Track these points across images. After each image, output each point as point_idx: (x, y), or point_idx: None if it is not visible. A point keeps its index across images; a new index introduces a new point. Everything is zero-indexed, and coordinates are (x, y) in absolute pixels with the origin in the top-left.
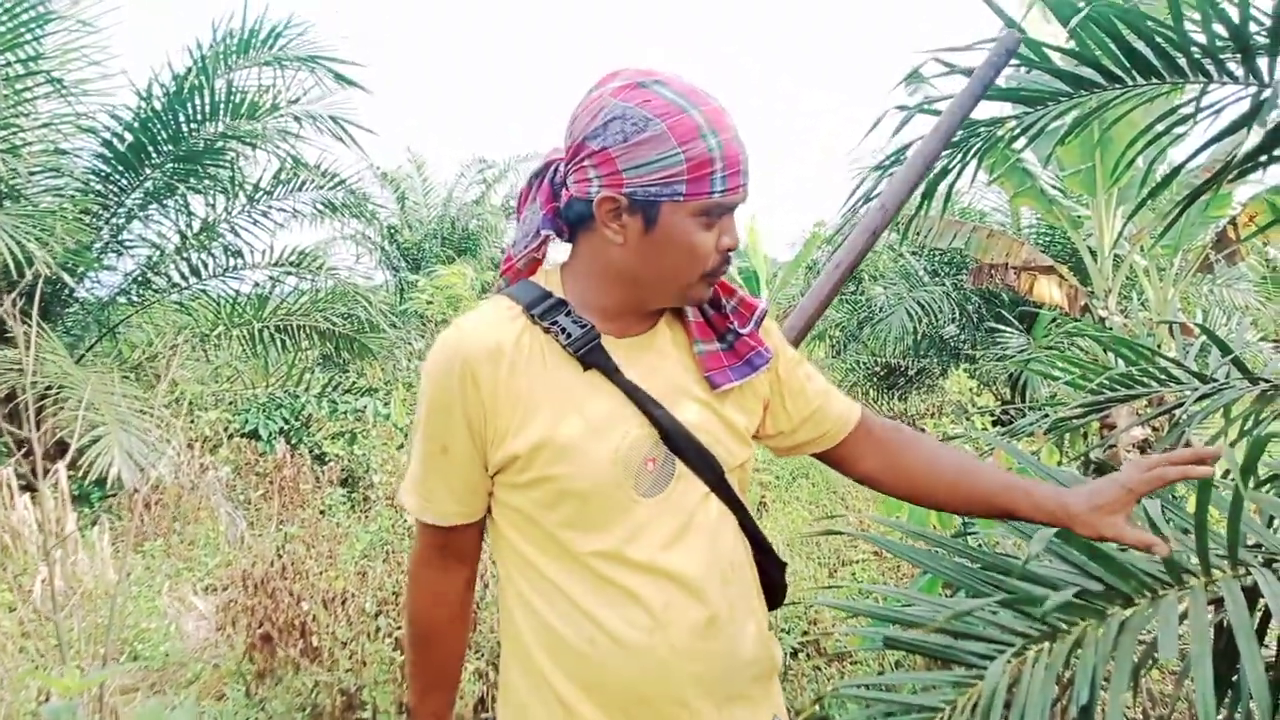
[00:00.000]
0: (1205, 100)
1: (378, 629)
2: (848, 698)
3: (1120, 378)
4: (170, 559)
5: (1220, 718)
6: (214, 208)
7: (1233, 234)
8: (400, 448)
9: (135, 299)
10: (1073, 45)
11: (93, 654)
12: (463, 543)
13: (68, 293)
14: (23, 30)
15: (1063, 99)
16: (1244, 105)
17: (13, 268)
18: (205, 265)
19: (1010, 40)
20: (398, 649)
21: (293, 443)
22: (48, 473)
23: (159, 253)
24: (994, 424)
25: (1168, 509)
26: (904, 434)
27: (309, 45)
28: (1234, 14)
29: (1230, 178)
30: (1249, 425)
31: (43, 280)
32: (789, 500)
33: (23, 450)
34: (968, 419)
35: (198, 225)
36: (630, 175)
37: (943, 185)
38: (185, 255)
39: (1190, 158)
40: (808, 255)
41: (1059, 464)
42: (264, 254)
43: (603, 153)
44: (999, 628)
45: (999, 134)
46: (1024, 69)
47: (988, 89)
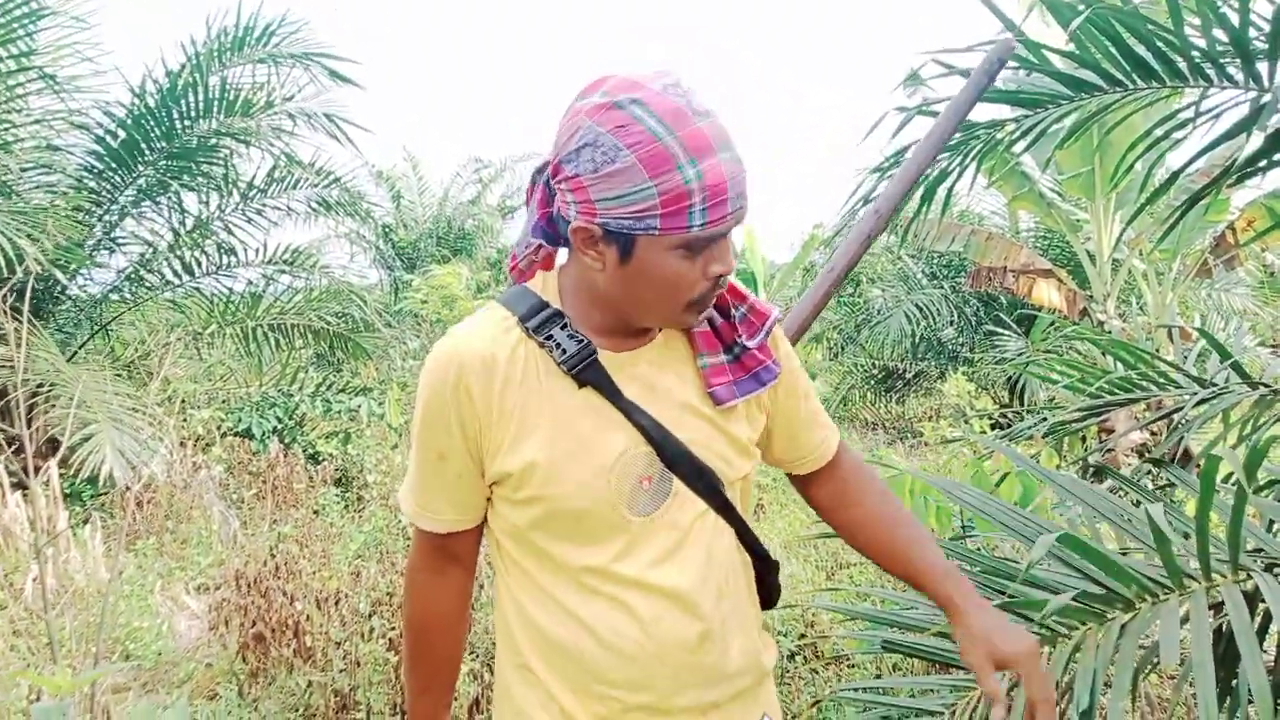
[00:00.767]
0: (1205, 104)
1: (371, 629)
2: (845, 701)
3: (1119, 382)
4: (163, 558)
5: None
6: (207, 205)
7: (1231, 239)
8: (394, 448)
9: (128, 296)
10: (1072, 48)
11: (84, 653)
12: (459, 548)
13: (60, 290)
14: (15, 26)
15: (1062, 102)
16: (1243, 110)
17: (3, 265)
18: (198, 263)
19: (1005, 47)
20: (391, 649)
21: (286, 442)
22: (39, 470)
23: (152, 250)
24: (992, 427)
25: (1170, 513)
26: (863, 480)
27: (303, 42)
28: (1234, 19)
29: (1229, 182)
30: (1248, 430)
31: (34, 277)
32: (786, 503)
33: (14, 448)
34: (966, 422)
35: (191, 223)
36: (603, 206)
37: (942, 188)
38: (178, 253)
39: (1190, 162)
40: (805, 257)
41: (1057, 468)
42: (257, 252)
43: (575, 179)
44: None
45: (998, 137)
46: (1023, 72)
47: (982, 94)
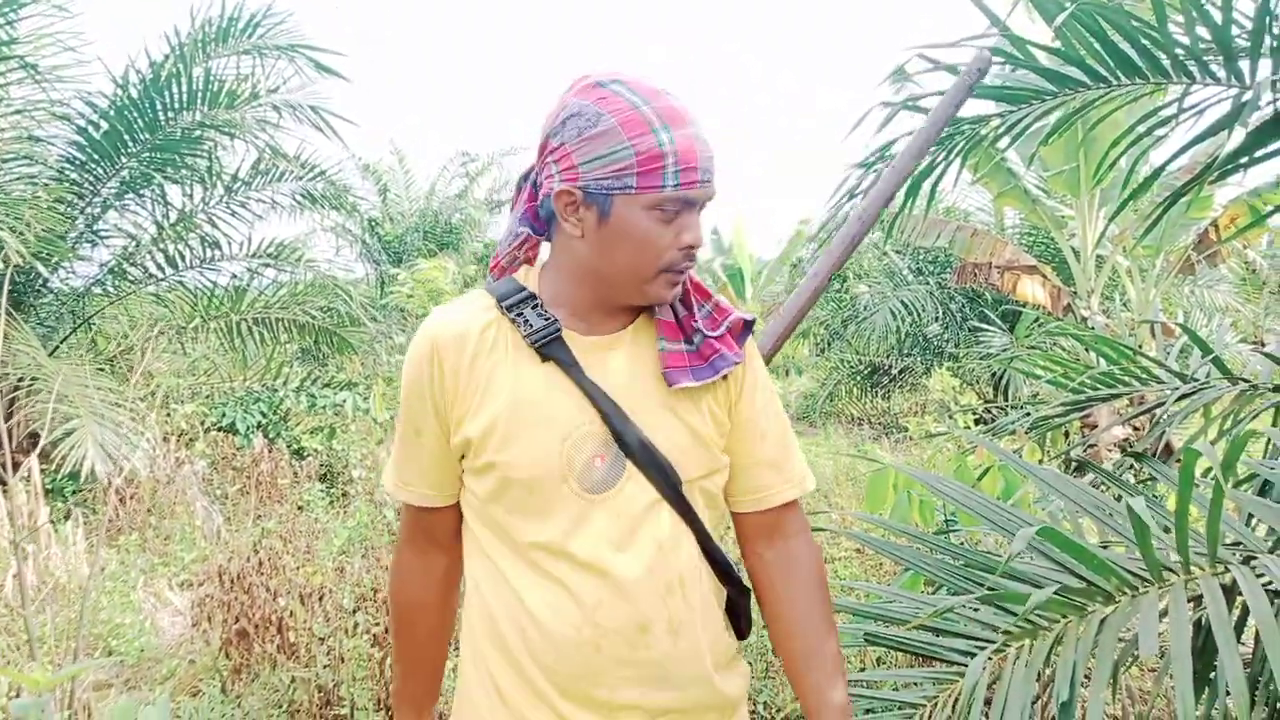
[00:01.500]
0: (1188, 101)
1: (355, 625)
2: None
3: (1102, 377)
4: (145, 554)
5: (1199, 714)
6: (191, 198)
7: (1214, 236)
8: (380, 443)
9: (110, 290)
10: (1057, 44)
11: (65, 649)
12: (439, 526)
13: (41, 283)
14: None
15: (1047, 98)
16: (1226, 107)
17: None
18: (182, 256)
19: (982, 60)
20: (375, 645)
21: (270, 437)
22: (19, 465)
23: (135, 243)
24: (976, 422)
25: (1151, 507)
26: (799, 575)
27: (288, 34)
28: (1217, 16)
29: (1211, 179)
30: (1228, 425)
31: (15, 270)
32: None
33: None
34: (950, 417)
35: (174, 216)
36: (585, 169)
37: (927, 183)
38: (162, 246)
39: (1173, 158)
40: (792, 253)
41: (1040, 462)
42: (242, 246)
43: (561, 148)
44: (980, 625)
45: (983, 133)
46: (1009, 67)
47: (959, 108)
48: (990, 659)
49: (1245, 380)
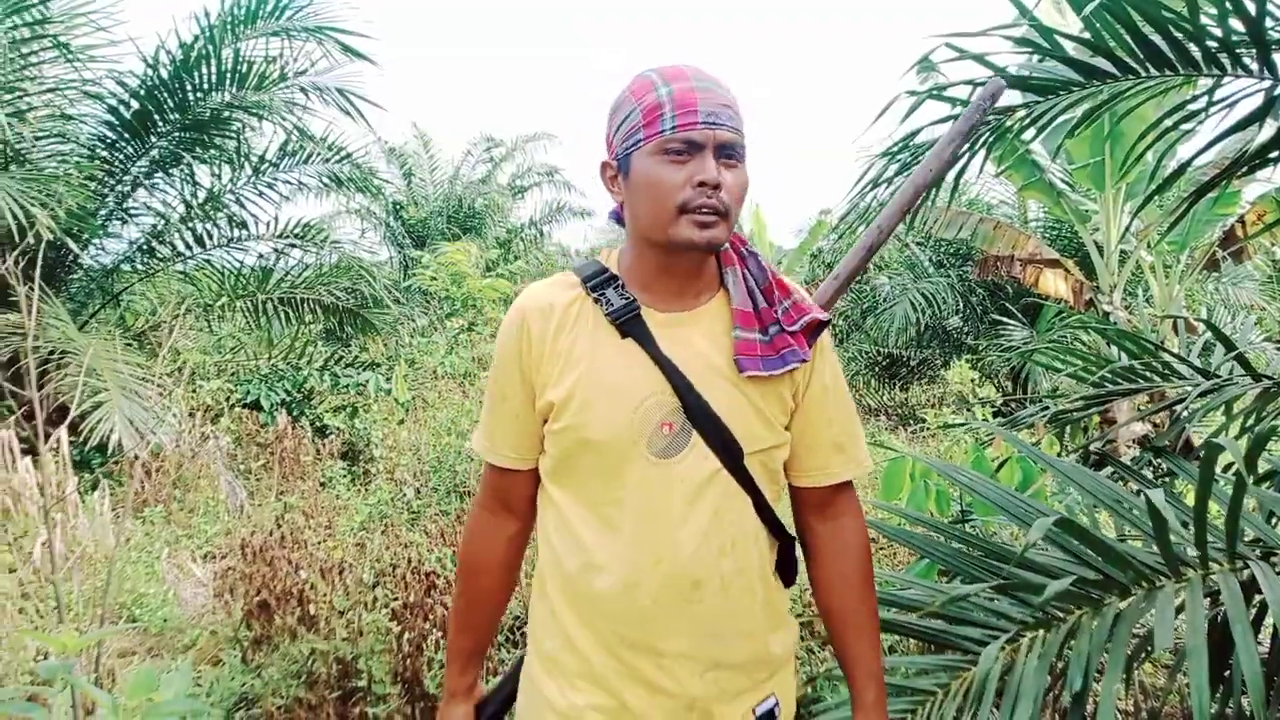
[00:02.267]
0: (1218, 94)
1: (375, 599)
2: (840, 680)
3: (1122, 372)
4: (170, 526)
5: (1213, 710)
6: (219, 178)
7: (1240, 232)
8: (401, 423)
9: (139, 267)
10: (1085, 34)
11: (91, 616)
12: (515, 490)
13: (72, 259)
14: None
15: (1074, 89)
16: (1257, 100)
17: (15, 231)
18: (210, 235)
19: (995, 85)
20: (394, 619)
21: (294, 415)
22: (49, 437)
23: (164, 221)
24: (995, 415)
25: (1170, 502)
26: (848, 551)
27: (316, 16)
28: (1251, 7)
29: (1239, 174)
30: (1250, 422)
31: (46, 246)
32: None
33: (23, 410)
34: (969, 410)
35: (203, 195)
36: (615, 141)
37: (950, 174)
38: (190, 225)
39: (1200, 151)
40: (812, 243)
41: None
42: (269, 226)
43: (607, 135)
44: (994, 614)
45: (1008, 124)
46: (1035, 57)
47: (975, 130)
48: (1003, 649)
49: (1269, 378)
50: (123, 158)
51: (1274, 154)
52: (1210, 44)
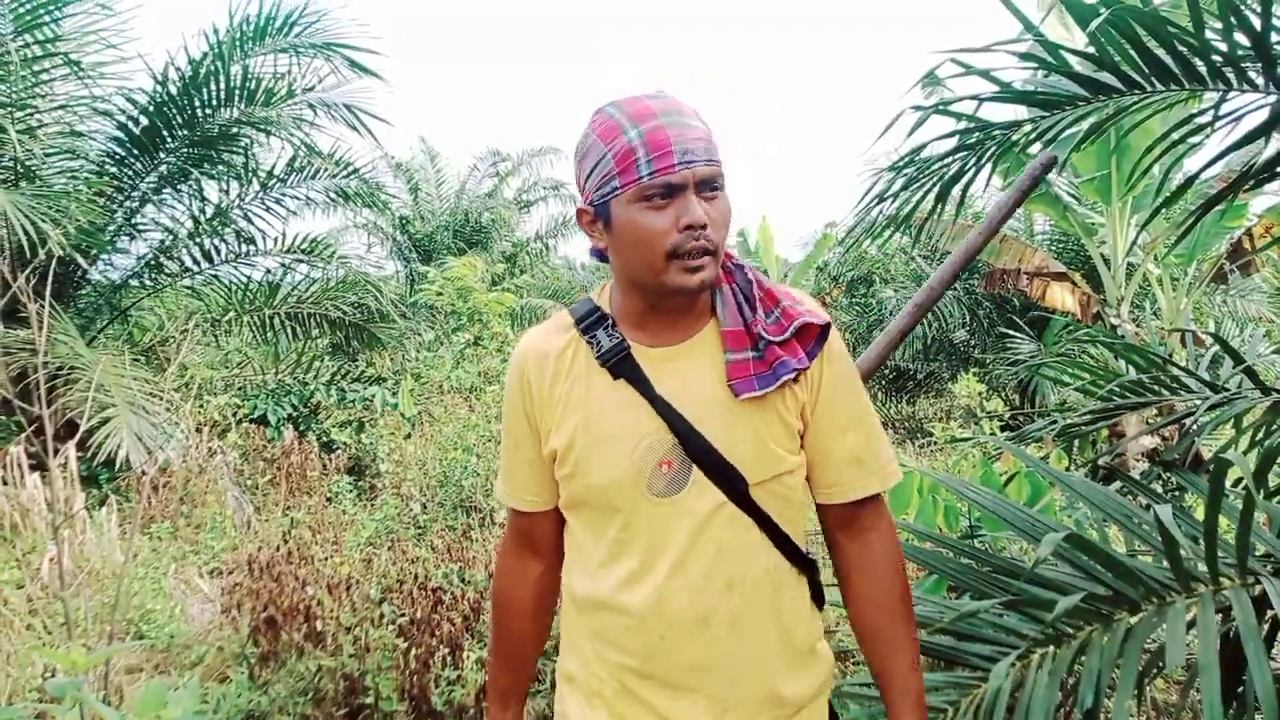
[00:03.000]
0: (1223, 108)
1: (381, 616)
2: (850, 697)
3: (1131, 385)
4: (177, 541)
5: None
6: (227, 193)
7: (1248, 245)
8: (407, 437)
9: (147, 282)
10: (1091, 49)
11: (99, 633)
12: (538, 531)
13: (81, 274)
14: (41, 11)
15: (1080, 104)
16: (1263, 115)
17: (26, 247)
18: (217, 251)
19: (1046, 157)
20: (401, 636)
21: (301, 430)
22: (57, 452)
23: (172, 237)
24: (1003, 429)
25: (1179, 516)
26: (876, 566)
27: (325, 33)
28: (1256, 22)
29: (1246, 188)
30: (1260, 436)
31: (56, 261)
32: None
33: (33, 427)
34: (976, 423)
35: (211, 210)
36: (588, 187)
37: (956, 188)
38: (198, 240)
39: (1207, 165)
40: (818, 256)
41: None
42: (276, 241)
43: (577, 179)
44: (1004, 630)
45: (1014, 138)
46: (1041, 72)
47: (1027, 196)
48: (1014, 665)
49: (1278, 391)
50: (131, 173)
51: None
52: (1215, 59)
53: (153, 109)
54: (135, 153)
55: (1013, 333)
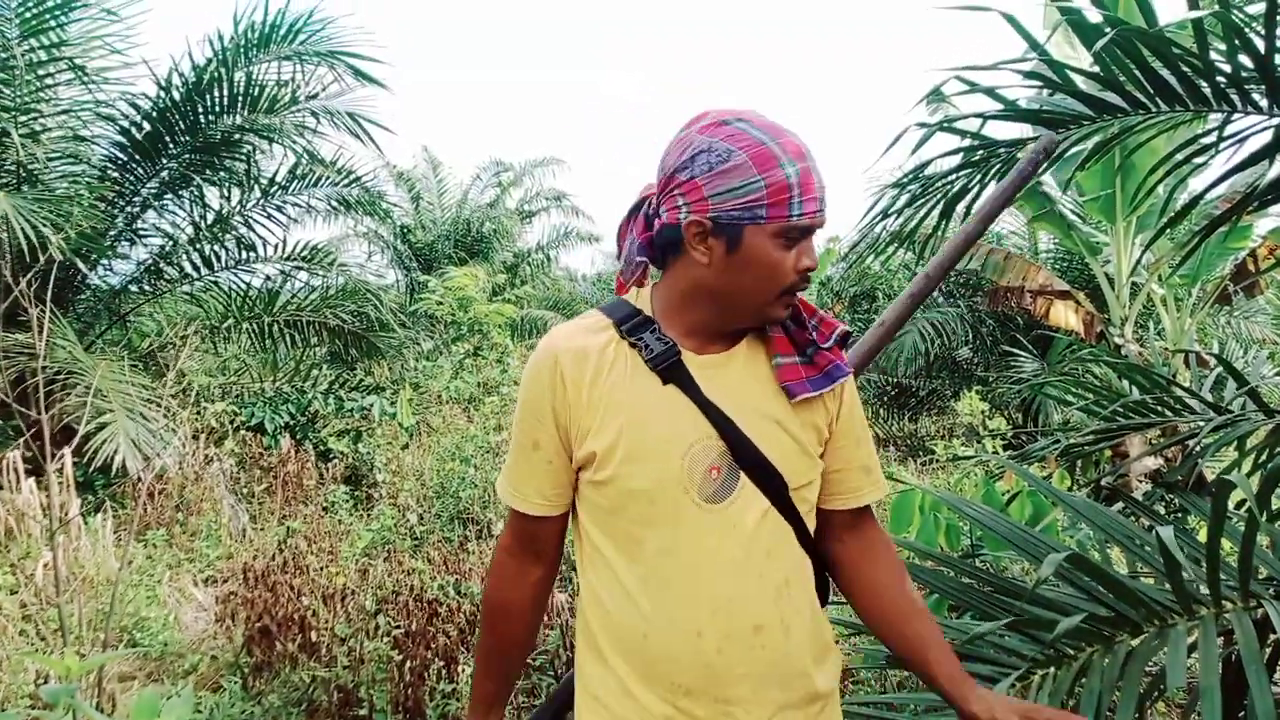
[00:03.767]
0: (1228, 129)
1: (377, 627)
2: (851, 716)
3: (1134, 406)
4: (172, 549)
5: None
6: (228, 200)
7: (1252, 266)
8: (405, 447)
9: (147, 288)
10: (1096, 69)
11: (92, 640)
12: (544, 536)
13: (80, 279)
14: (47, 16)
15: (1085, 123)
16: (1266, 136)
17: (27, 251)
18: (218, 257)
19: (1048, 140)
20: (396, 648)
21: (298, 438)
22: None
23: (172, 243)
24: (1005, 448)
25: (1182, 539)
26: (890, 555)
27: (329, 40)
28: (1260, 45)
29: (1251, 209)
30: (1263, 458)
31: (56, 266)
32: None
33: (32, 431)
34: (979, 441)
35: (212, 217)
36: (715, 201)
37: (960, 205)
38: (198, 246)
39: (1211, 186)
40: (821, 271)
41: (1069, 490)
42: (276, 248)
43: (690, 182)
44: (1005, 651)
45: (1019, 156)
46: (1046, 91)
47: (1028, 182)
48: (1015, 686)
49: None
50: (133, 179)
51: None
52: (1220, 80)
53: (156, 115)
54: (137, 158)
55: (1016, 351)
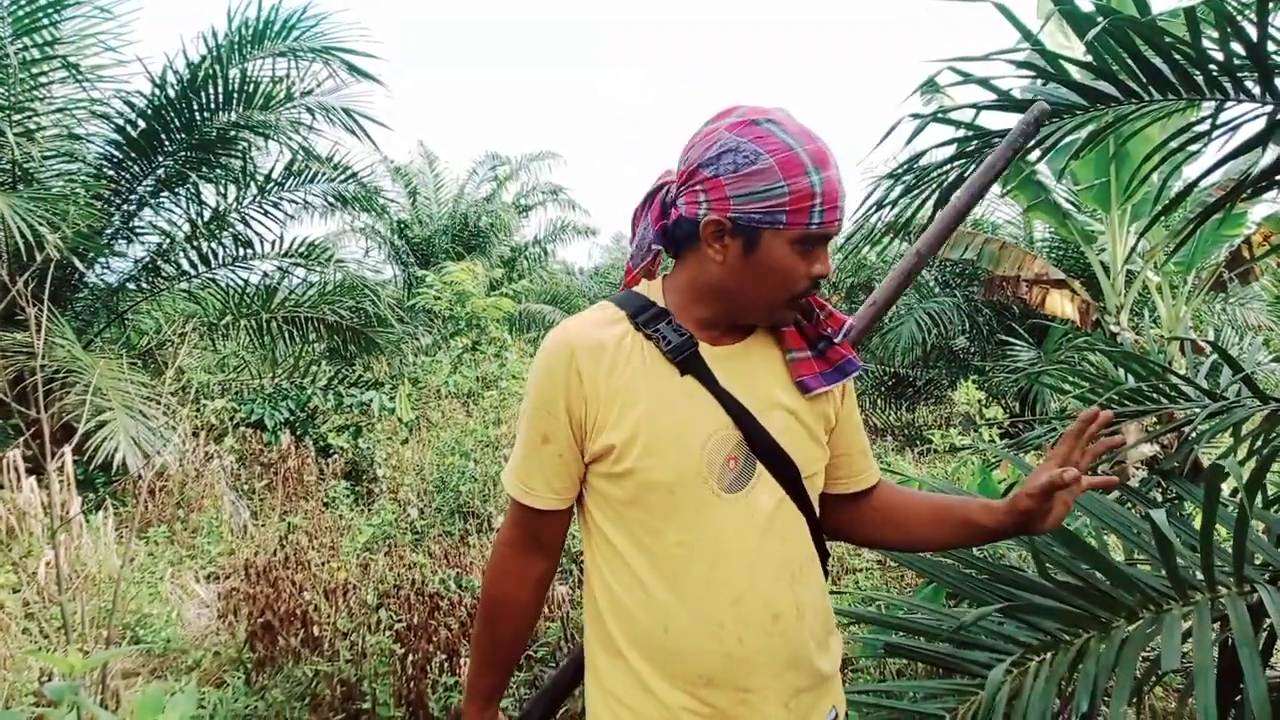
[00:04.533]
0: (1221, 117)
1: (378, 621)
2: (850, 704)
3: (1130, 393)
4: (174, 546)
5: None
6: (225, 197)
7: (1246, 253)
8: (404, 442)
9: (145, 286)
10: (1089, 59)
11: (95, 637)
12: (549, 530)
13: (78, 278)
14: (40, 14)
15: (1078, 112)
16: (1260, 123)
17: (24, 250)
18: (215, 254)
19: (1039, 110)
20: (398, 641)
21: (298, 434)
22: (54, 456)
23: (169, 240)
24: (1002, 436)
25: (1177, 525)
26: (897, 490)
27: (324, 37)
28: (1252, 32)
29: (1244, 196)
30: (1258, 444)
31: (53, 265)
32: None
33: (31, 430)
34: (975, 430)
35: (208, 214)
36: (737, 202)
37: (956, 191)
38: (195, 244)
39: (1204, 174)
40: None
41: None
42: (273, 245)
43: (714, 179)
44: (1002, 638)
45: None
46: (1040, 81)
47: (1019, 153)
48: (1011, 672)
49: (1277, 400)
50: (129, 177)
51: (1278, 176)
52: (1212, 68)
53: (151, 112)
54: (133, 156)
55: (1012, 340)
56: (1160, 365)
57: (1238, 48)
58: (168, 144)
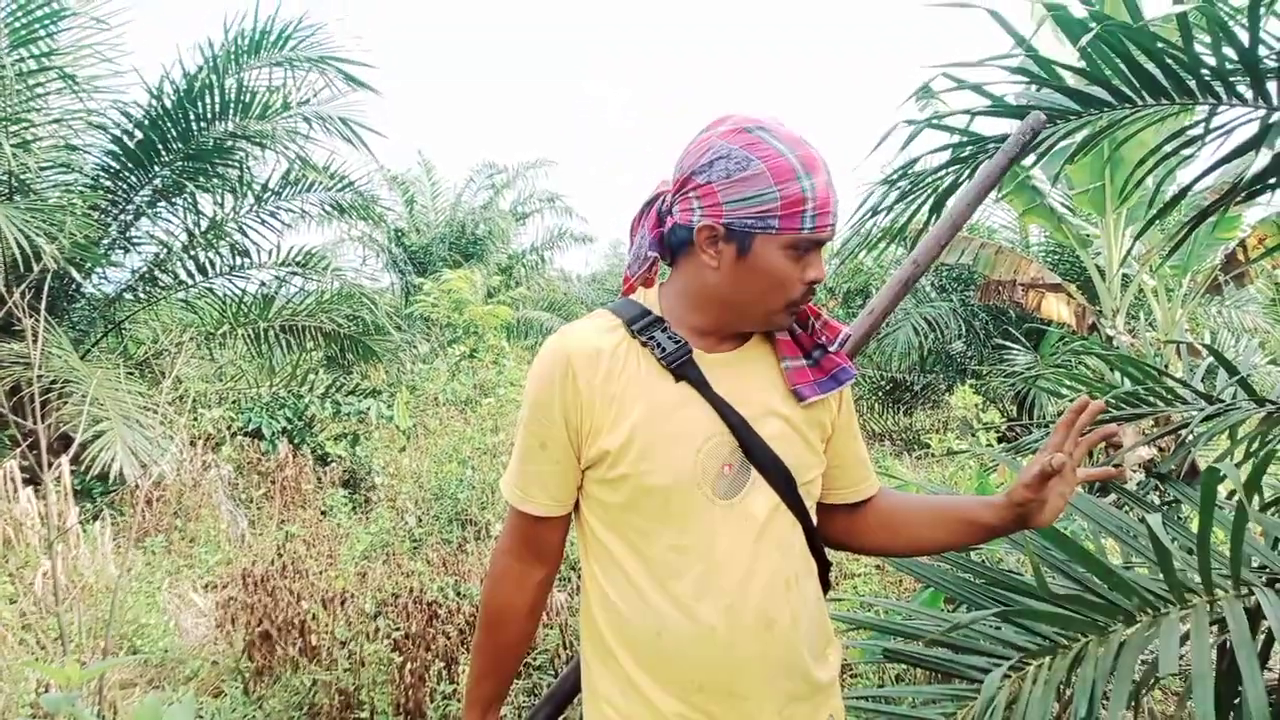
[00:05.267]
0: (1214, 122)
1: (376, 629)
2: (849, 710)
3: (1127, 397)
4: (171, 555)
5: None
6: (222, 207)
7: (1242, 256)
8: (402, 450)
9: (141, 296)
10: (1083, 64)
11: (93, 648)
12: (548, 537)
13: (75, 288)
14: (36, 26)
15: (1072, 117)
16: (1253, 128)
17: (20, 261)
18: (212, 264)
19: (1035, 120)
20: (396, 650)
21: (295, 443)
22: (51, 466)
23: (166, 250)
24: (999, 440)
25: (1173, 528)
26: (895, 496)
27: (319, 46)
28: (1244, 37)
29: (1238, 199)
30: (1255, 447)
31: (50, 275)
32: None
33: (28, 441)
34: (973, 435)
35: (205, 224)
36: (730, 207)
37: (950, 201)
38: (192, 253)
39: (1198, 178)
40: None
41: None
42: (270, 254)
43: (707, 186)
44: (1000, 643)
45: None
46: (1034, 87)
47: (1015, 162)
48: (1009, 677)
49: (1273, 402)
50: (126, 187)
51: (1272, 180)
52: (1205, 73)
53: (147, 123)
54: (130, 166)
55: (1009, 344)
56: (1156, 368)
57: (1230, 53)
58: (164, 154)
